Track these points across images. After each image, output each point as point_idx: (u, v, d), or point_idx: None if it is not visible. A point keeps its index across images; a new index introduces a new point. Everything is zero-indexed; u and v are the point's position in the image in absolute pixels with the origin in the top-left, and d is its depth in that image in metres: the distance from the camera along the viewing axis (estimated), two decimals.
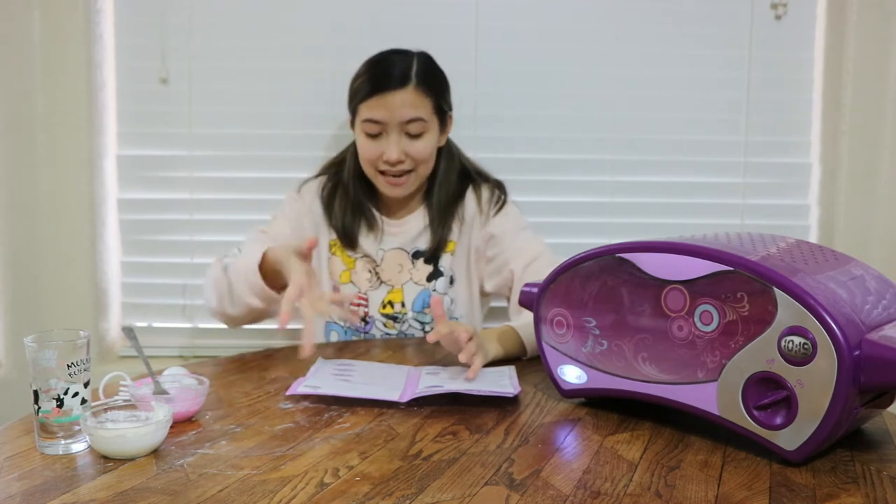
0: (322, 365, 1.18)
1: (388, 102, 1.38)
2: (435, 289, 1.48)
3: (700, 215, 1.76)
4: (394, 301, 1.47)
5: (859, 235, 1.73)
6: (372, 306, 1.47)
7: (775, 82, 1.75)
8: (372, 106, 1.39)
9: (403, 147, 1.40)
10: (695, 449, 0.88)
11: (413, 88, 1.39)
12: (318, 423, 0.95)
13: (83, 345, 0.87)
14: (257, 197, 1.72)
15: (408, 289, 1.48)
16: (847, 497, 0.76)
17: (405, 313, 1.47)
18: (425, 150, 1.42)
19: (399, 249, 1.49)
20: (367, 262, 1.48)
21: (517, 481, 0.79)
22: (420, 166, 1.43)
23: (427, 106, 1.41)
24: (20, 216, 1.71)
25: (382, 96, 1.38)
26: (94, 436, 0.84)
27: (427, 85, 1.41)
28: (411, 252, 1.49)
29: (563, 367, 1.03)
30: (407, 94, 1.38)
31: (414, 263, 1.49)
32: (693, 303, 0.87)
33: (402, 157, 1.40)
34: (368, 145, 1.41)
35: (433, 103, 1.42)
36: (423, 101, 1.40)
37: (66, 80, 1.68)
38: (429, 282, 1.48)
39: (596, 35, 1.73)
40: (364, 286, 1.48)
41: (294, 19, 1.72)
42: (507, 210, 1.50)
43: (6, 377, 1.72)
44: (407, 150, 1.40)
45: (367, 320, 1.47)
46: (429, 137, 1.42)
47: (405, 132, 1.40)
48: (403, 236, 1.49)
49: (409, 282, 1.48)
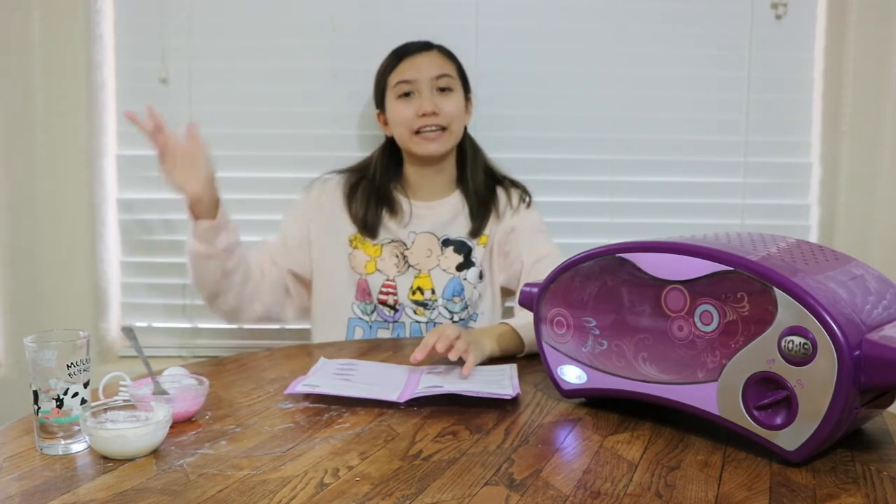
0: (324, 364, 1.18)
1: (416, 63, 1.48)
2: (466, 278, 1.49)
3: (700, 215, 1.76)
4: (423, 287, 1.49)
5: (859, 235, 1.73)
6: (401, 292, 1.48)
7: (775, 82, 1.75)
8: (401, 70, 1.49)
9: (436, 101, 1.47)
10: (695, 449, 0.88)
11: (437, 52, 1.52)
12: (318, 423, 0.95)
13: (83, 345, 0.87)
14: (257, 197, 1.72)
15: (436, 275, 1.49)
16: (847, 497, 0.76)
17: (435, 300, 1.48)
18: (456, 106, 1.49)
19: (430, 234, 1.51)
20: (396, 247, 1.50)
21: (517, 481, 0.79)
22: (452, 123, 1.49)
23: (452, 68, 1.52)
24: (20, 216, 1.71)
25: (411, 59, 1.49)
26: (93, 436, 0.84)
27: (449, 54, 1.53)
28: (441, 238, 1.51)
29: (563, 367, 1.03)
30: (433, 55, 1.50)
31: (443, 251, 1.50)
32: (693, 303, 0.87)
33: (435, 108, 1.46)
34: (402, 106, 1.48)
35: (457, 68, 1.53)
36: (449, 63, 1.51)
37: (66, 80, 1.68)
38: (459, 271, 1.49)
39: (596, 35, 1.73)
40: (392, 272, 1.49)
41: (294, 19, 1.72)
42: (532, 210, 1.56)
43: (6, 377, 1.72)
44: (439, 104, 1.47)
45: (397, 308, 1.48)
46: (457, 95, 1.50)
47: (436, 87, 1.48)
48: (434, 219, 1.52)
49: (436, 268, 1.49)
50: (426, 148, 1.47)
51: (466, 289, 1.49)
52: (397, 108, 1.48)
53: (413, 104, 1.47)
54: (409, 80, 1.47)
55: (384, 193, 1.53)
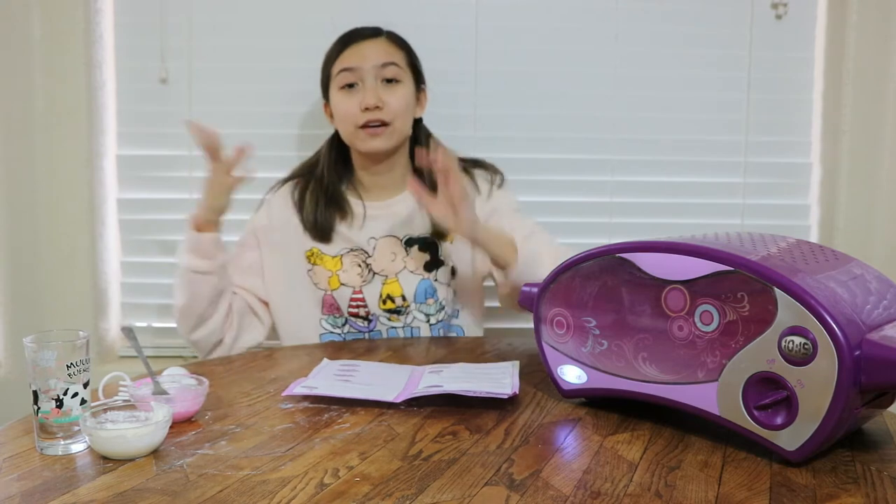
0: (326, 365, 1.18)
1: (361, 50, 1.41)
2: (437, 278, 1.45)
3: (700, 215, 1.76)
4: (393, 294, 1.44)
5: (859, 235, 1.73)
6: (371, 303, 1.44)
7: (775, 82, 1.75)
8: (346, 56, 1.42)
9: (380, 94, 1.40)
10: (695, 449, 0.88)
11: (385, 39, 1.44)
12: (317, 424, 0.95)
13: (83, 345, 0.87)
14: (257, 197, 1.71)
15: (404, 279, 1.44)
16: (847, 497, 0.75)
17: (407, 306, 1.44)
18: (402, 100, 1.42)
19: (391, 237, 1.45)
20: (357, 256, 1.44)
21: (517, 481, 0.79)
22: (397, 120, 1.41)
23: (400, 56, 1.43)
24: (20, 216, 1.71)
25: (356, 45, 1.42)
26: (93, 436, 0.84)
27: (399, 41, 1.45)
28: (404, 239, 1.46)
29: (563, 367, 1.03)
30: (380, 43, 1.43)
31: (408, 251, 1.45)
32: (693, 303, 0.87)
33: (379, 102, 1.39)
34: (345, 99, 1.41)
35: (406, 57, 1.45)
36: (397, 51, 1.43)
37: (66, 80, 1.68)
38: (428, 271, 1.45)
39: (596, 35, 1.73)
40: (356, 282, 1.44)
41: (294, 19, 1.72)
42: (505, 190, 1.51)
43: (6, 377, 1.72)
44: (383, 96, 1.40)
45: (370, 318, 1.45)
46: (404, 88, 1.43)
47: (381, 78, 1.40)
48: (391, 220, 1.46)
49: (403, 271, 1.44)
50: (369, 144, 1.41)
51: (439, 290, 1.45)
52: (340, 101, 1.41)
53: (356, 96, 1.39)
54: (352, 69, 1.39)
55: (333, 194, 1.46)
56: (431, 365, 1.19)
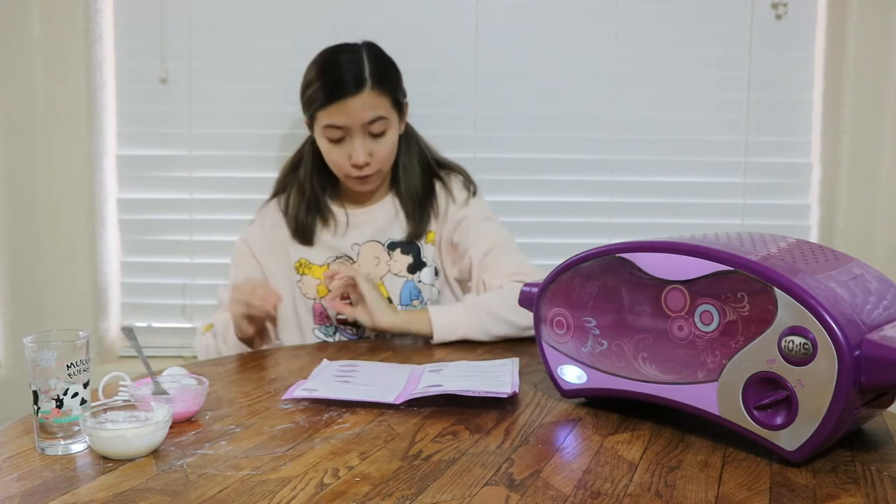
0: (326, 366, 1.18)
1: (347, 108, 1.38)
2: (420, 280, 1.47)
3: (700, 215, 1.76)
4: None
5: (859, 235, 1.73)
6: None
7: (775, 82, 1.75)
8: (332, 113, 1.39)
9: (368, 148, 1.41)
10: (695, 449, 0.88)
11: (370, 90, 1.38)
12: (317, 424, 0.95)
13: (82, 345, 0.87)
14: (257, 197, 1.71)
15: (389, 282, 1.47)
16: (847, 497, 0.75)
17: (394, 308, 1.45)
18: (389, 147, 1.44)
19: (374, 242, 1.48)
20: (342, 263, 1.47)
21: (517, 482, 0.79)
22: (385, 164, 1.45)
23: (385, 104, 1.41)
24: (20, 216, 1.71)
25: (342, 102, 1.38)
26: (93, 436, 0.84)
27: (382, 83, 1.40)
28: (386, 243, 1.48)
29: (563, 367, 1.03)
30: (365, 98, 1.38)
31: (391, 255, 1.48)
32: (693, 303, 0.87)
33: (368, 159, 1.40)
34: (334, 151, 1.43)
35: (390, 99, 1.42)
36: (382, 101, 1.40)
37: (66, 80, 1.68)
38: (412, 273, 1.47)
39: (596, 35, 1.73)
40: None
41: (294, 19, 1.72)
42: (477, 198, 1.52)
43: (6, 377, 1.72)
44: (372, 150, 1.41)
45: (358, 324, 1.45)
46: (391, 134, 1.43)
47: (368, 132, 1.40)
48: (372, 225, 1.49)
49: (388, 274, 1.47)
50: (360, 187, 1.46)
51: (423, 290, 1.47)
52: (328, 151, 1.43)
53: (345, 149, 1.41)
54: (340, 126, 1.39)
55: (317, 203, 1.50)
56: (431, 364, 1.19)
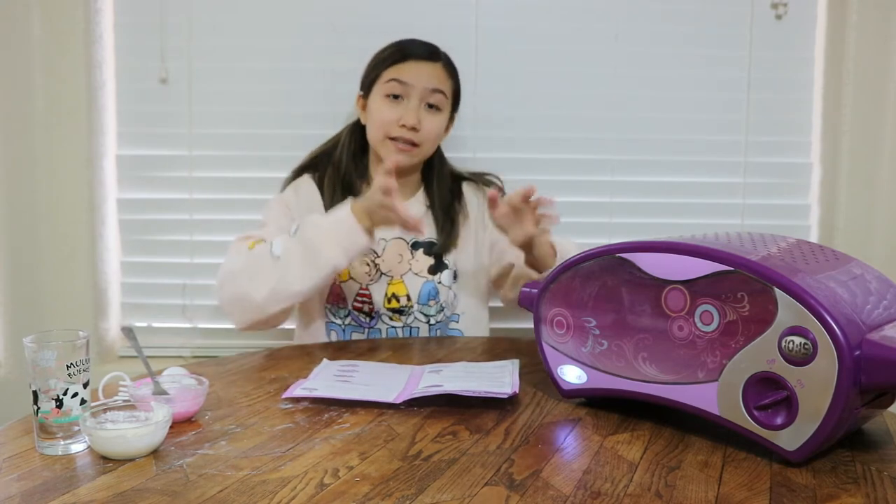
0: (326, 366, 1.18)
1: (419, 68, 1.44)
2: (440, 281, 1.48)
3: (700, 215, 1.76)
4: (398, 294, 1.47)
5: (859, 235, 1.73)
6: (377, 301, 1.46)
7: (775, 82, 1.75)
8: (402, 69, 1.44)
9: (420, 116, 1.43)
10: (695, 449, 0.88)
11: (442, 66, 1.47)
12: (317, 424, 0.95)
13: (82, 345, 0.87)
14: (257, 197, 1.72)
15: (409, 280, 1.47)
16: (847, 497, 0.75)
17: (411, 306, 1.47)
18: (437, 127, 1.46)
19: (399, 239, 1.49)
20: (367, 255, 1.47)
21: (517, 482, 0.79)
22: (427, 143, 1.46)
23: (449, 86, 1.48)
24: (20, 216, 1.71)
25: (416, 62, 1.44)
26: (93, 436, 0.84)
27: (452, 71, 1.49)
28: (410, 242, 1.49)
29: (563, 367, 1.03)
30: (437, 68, 1.46)
31: (413, 254, 1.49)
32: (693, 303, 0.87)
33: (417, 124, 1.42)
34: (387, 107, 1.44)
35: (453, 87, 1.49)
36: (447, 82, 1.47)
37: (66, 80, 1.68)
38: (432, 274, 1.48)
39: (596, 35, 1.73)
40: (364, 280, 1.47)
41: (294, 19, 1.72)
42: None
43: (6, 377, 1.72)
44: (423, 120, 1.43)
45: (373, 315, 1.47)
46: (442, 117, 1.47)
47: (426, 102, 1.44)
48: None
49: (409, 273, 1.48)
50: (395, 156, 1.43)
51: (441, 291, 1.48)
52: (381, 107, 1.44)
53: (398, 109, 1.42)
54: (403, 83, 1.42)
55: (350, 188, 1.49)
56: (431, 364, 1.19)
